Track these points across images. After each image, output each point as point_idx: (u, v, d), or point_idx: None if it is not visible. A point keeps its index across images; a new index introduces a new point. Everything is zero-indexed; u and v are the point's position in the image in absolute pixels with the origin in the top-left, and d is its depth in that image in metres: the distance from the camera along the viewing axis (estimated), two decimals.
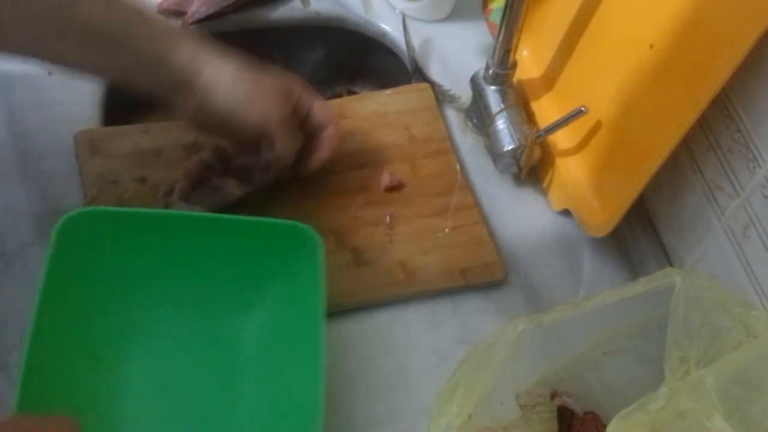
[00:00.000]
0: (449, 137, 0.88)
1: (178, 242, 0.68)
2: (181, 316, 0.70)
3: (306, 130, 0.76)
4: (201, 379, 0.69)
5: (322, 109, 0.77)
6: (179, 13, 0.94)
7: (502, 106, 0.84)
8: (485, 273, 0.78)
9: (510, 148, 0.82)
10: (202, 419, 0.67)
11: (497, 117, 0.83)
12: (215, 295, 0.70)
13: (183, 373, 0.69)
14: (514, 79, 0.86)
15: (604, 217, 0.77)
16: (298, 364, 0.65)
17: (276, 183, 0.77)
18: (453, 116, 0.90)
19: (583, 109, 0.76)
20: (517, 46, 0.81)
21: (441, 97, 0.91)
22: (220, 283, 0.70)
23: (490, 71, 0.84)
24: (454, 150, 0.86)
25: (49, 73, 0.85)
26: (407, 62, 0.96)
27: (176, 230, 0.68)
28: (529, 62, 0.88)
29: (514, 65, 0.84)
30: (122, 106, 0.86)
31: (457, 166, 0.85)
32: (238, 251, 0.69)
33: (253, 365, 0.69)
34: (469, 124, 0.89)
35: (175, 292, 0.70)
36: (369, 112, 0.88)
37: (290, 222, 0.68)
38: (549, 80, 0.86)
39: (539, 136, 0.81)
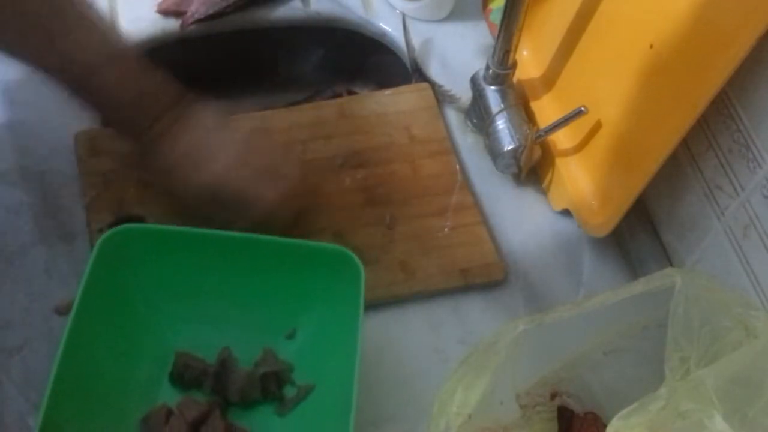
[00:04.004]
0: (449, 137, 0.88)
1: (217, 262, 0.68)
2: (220, 336, 0.69)
3: None
4: None
5: None
6: (179, 13, 0.94)
7: (502, 106, 0.84)
8: (485, 273, 0.78)
9: (510, 148, 0.82)
10: None
11: (497, 117, 0.83)
12: (256, 316, 0.70)
13: None
14: (514, 79, 0.86)
15: (604, 217, 0.77)
16: (335, 384, 0.65)
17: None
18: (453, 116, 0.90)
19: (583, 109, 0.76)
20: (517, 46, 0.81)
21: (441, 97, 0.91)
22: (262, 304, 0.70)
23: (490, 71, 0.84)
24: (454, 150, 0.86)
25: None
26: (407, 62, 0.96)
27: (216, 249, 0.68)
28: (529, 62, 0.88)
29: (514, 65, 0.84)
30: None
31: (457, 166, 0.85)
32: (279, 272, 0.68)
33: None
34: (469, 124, 0.89)
35: (213, 312, 0.70)
36: (369, 112, 0.88)
37: (334, 246, 0.68)
38: (549, 80, 0.86)
39: (539, 136, 0.80)
